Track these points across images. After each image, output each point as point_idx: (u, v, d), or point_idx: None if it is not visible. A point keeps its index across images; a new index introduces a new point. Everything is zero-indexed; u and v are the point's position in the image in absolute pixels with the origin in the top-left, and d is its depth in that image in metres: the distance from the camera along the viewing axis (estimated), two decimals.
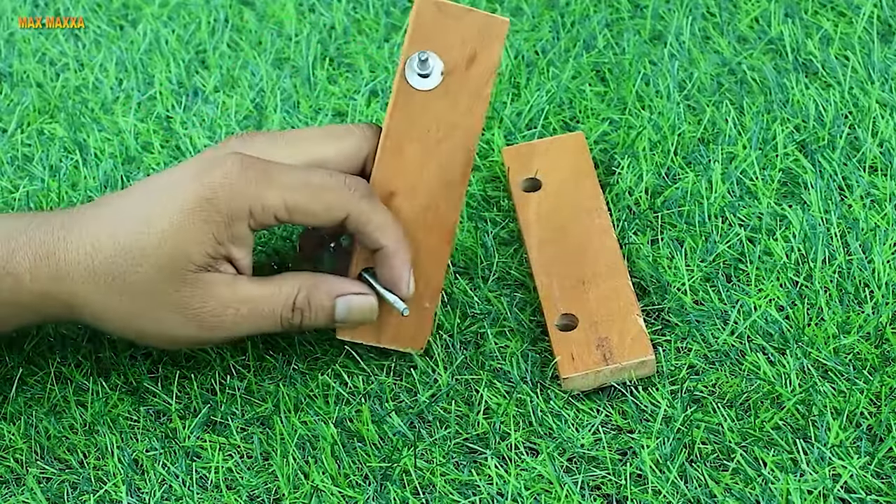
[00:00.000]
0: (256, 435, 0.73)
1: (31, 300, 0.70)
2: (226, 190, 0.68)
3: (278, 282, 0.70)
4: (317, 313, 0.71)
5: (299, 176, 0.69)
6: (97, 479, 0.73)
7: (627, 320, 0.74)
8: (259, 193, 0.68)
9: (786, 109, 0.85)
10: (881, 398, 0.70)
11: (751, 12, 0.92)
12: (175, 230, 0.68)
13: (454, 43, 0.70)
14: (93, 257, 0.69)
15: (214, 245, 0.68)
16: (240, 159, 0.68)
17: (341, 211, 0.69)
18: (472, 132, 0.72)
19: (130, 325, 0.70)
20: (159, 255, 0.68)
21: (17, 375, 0.78)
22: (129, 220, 0.69)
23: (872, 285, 0.75)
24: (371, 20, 0.97)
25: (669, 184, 0.82)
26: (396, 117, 0.71)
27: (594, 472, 0.70)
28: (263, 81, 0.93)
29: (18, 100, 0.95)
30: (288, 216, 0.69)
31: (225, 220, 0.68)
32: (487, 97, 0.71)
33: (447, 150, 0.72)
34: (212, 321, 0.69)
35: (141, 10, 1.01)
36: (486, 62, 0.71)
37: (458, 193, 0.72)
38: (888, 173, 0.80)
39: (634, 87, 0.88)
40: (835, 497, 0.67)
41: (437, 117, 0.71)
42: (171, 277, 0.68)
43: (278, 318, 0.70)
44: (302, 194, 0.68)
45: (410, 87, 0.71)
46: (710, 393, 0.72)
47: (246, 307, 0.69)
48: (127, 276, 0.68)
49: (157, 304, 0.69)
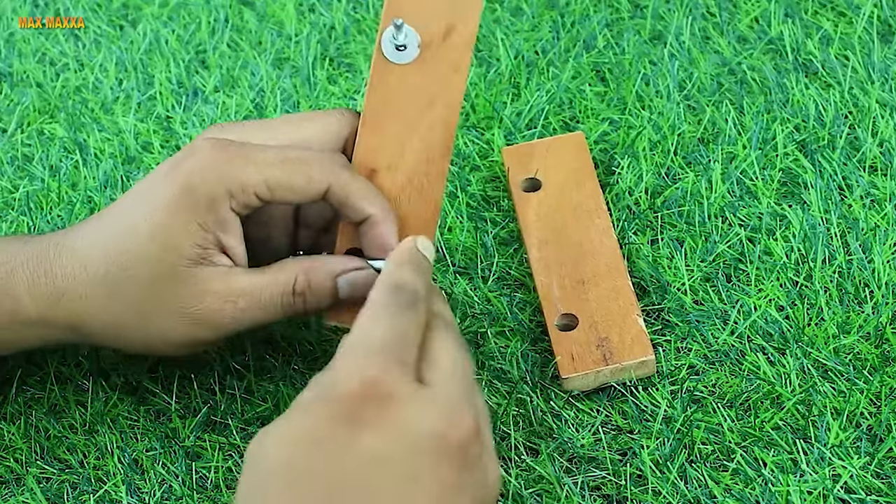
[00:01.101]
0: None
1: (32, 322, 0.69)
2: (200, 175, 0.66)
3: (275, 269, 0.69)
4: (319, 295, 0.69)
5: (276, 152, 0.67)
6: (97, 479, 0.73)
7: (627, 320, 0.74)
8: (235, 173, 0.66)
9: (786, 109, 0.85)
10: (881, 398, 0.70)
11: (751, 12, 0.92)
12: (160, 227, 0.66)
13: (430, 14, 0.69)
14: (86, 271, 0.68)
15: (202, 234, 0.67)
16: (210, 143, 0.67)
17: (322, 182, 0.67)
18: (451, 106, 0.70)
19: (134, 337, 0.69)
20: (149, 257, 0.67)
21: (17, 375, 0.78)
22: (115, 228, 0.68)
23: (872, 285, 0.75)
24: (371, 20, 0.97)
25: (669, 184, 0.82)
26: (375, 93, 0.70)
27: (594, 472, 0.70)
28: (263, 81, 0.93)
29: (18, 100, 0.95)
30: (269, 193, 0.67)
31: (205, 205, 0.66)
32: (466, 69, 0.70)
33: (427, 125, 0.70)
34: (211, 317, 0.68)
35: (141, 10, 1.01)
36: (463, 33, 0.70)
37: (441, 168, 0.71)
38: (888, 173, 0.80)
39: (634, 87, 0.88)
40: (835, 497, 0.67)
41: (415, 92, 0.70)
42: (165, 277, 0.67)
43: (279, 305, 0.69)
44: (280, 169, 0.67)
45: (387, 62, 0.70)
46: (710, 393, 0.72)
47: (244, 299, 0.68)
48: (121, 284, 0.67)
49: (156, 310, 0.68)
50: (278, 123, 0.71)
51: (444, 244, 0.81)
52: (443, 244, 0.81)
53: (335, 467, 0.55)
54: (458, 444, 0.57)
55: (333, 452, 0.55)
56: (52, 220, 0.86)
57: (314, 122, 0.71)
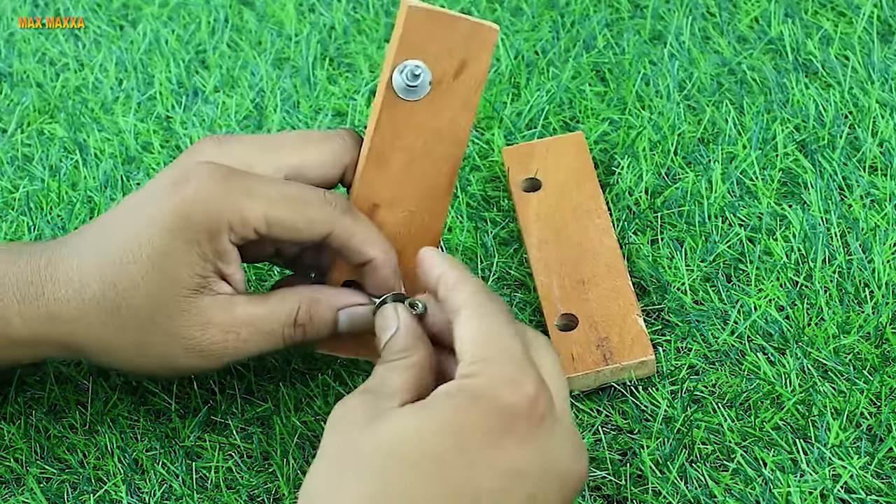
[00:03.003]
0: (256, 435, 0.73)
1: (24, 341, 0.68)
2: (202, 204, 0.65)
3: (277, 298, 0.68)
4: (319, 327, 0.68)
5: (279, 188, 0.66)
6: (97, 479, 0.73)
7: (627, 320, 0.74)
8: (237, 206, 0.65)
9: (786, 109, 0.85)
10: (881, 398, 0.70)
11: (751, 12, 0.92)
12: (159, 254, 0.65)
13: (443, 52, 0.68)
14: (82, 295, 0.66)
15: (201, 263, 0.65)
16: (214, 169, 0.65)
17: (325, 225, 0.66)
18: (458, 143, 0.70)
19: (131, 361, 0.68)
20: (148, 284, 0.65)
21: (17, 375, 0.78)
22: (113, 250, 0.66)
23: (872, 285, 0.75)
24: (371, 20, 0.97)
25: (669, 184, 0.82)
26: (381, 129, 0.69)
27: (594, 472, 0.70)
28: (263, 81, 0.93)
29: (18, 100, 0.95)
30: (267, 230, 0.66)
31: (206, 236, 0.65)
32: (475, 107, 0.69)
33: (432, 161, 0.70)
34: (213, 349, 0.67)
35: (141, 10, 1.01)
36: (474, 71, 0.69)
37: (443, 204, 0.71)
38: (888, 173, 0.80)
39: (634, 87, 0.88)
40: (835, 497, 0.67)
41: (423, 128, 0.69)
42: (164, 306, 0.65)
43: (280, 336, 0.68)
44: (283, 208, 0.66)
45: (397, 98, 0.68)
46: (710, 393, 0.72)
47: (246, 330, 0.67)
48: (120, 310, 0.66)
49: (155, 337, 0.66)
50: (279, 144, 0.69)
51: (444, 244, 0.81)
52: (443, 244, 0.81)
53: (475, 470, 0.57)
54: (580, 479, 0.60)
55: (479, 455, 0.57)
56: (52, 220, 0.86)
57: (316, 145, 0.69)
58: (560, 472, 0.59)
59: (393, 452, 0.57)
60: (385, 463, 0.57)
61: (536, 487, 0.58)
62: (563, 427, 0.60)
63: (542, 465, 0.58)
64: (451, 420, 0.57)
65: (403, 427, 0.57)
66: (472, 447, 0.57)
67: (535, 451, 0.58)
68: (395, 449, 0.57)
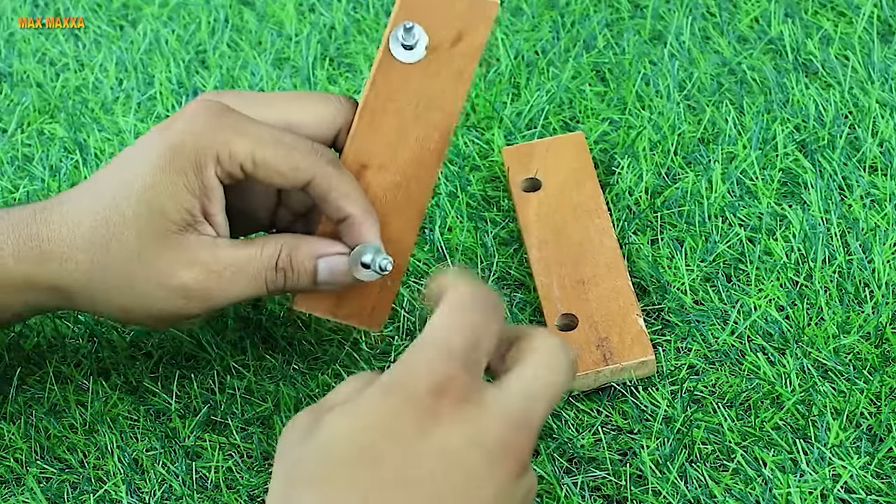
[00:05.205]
0: (256, 435, 0.73)
1: (17, 286, 0.69)
2: (191, 136, 0.66)
3: (260, 243, 0.69)
4: (299, 274, 0.69)
5: (269, 130, 0.67)
6: (97, 479, 0.73)
7: (627, 320, 0.74)
8: (227, 139, 0.66)
9: (786, 109, 0.85)
10: (881, 398, 0.70)
11: (751, 12, 0.92)
12: (148, 188, 0.66)
13: (441, 19, 0.69)
14: (74, 232, 0.68)
15: (188, 197, 0.66)
16: (206, 104, 0.67)
17: (306, 173, 0.67)
18: (451, 113, 0.70)
19: (115, 302, 0.69)
20: (138, 218, 0.66)
21: (17, 375, 0.78)
22: (106, 189, 0.67)
23: (872, 285, 0.75)
24: (371, 20, 0.97)
25: (669, 184, 0.82)
26: (376, 88, 0.70)
27: (594, 472, 0.70)
28: (263, 81, 0.93)
29: (18, 100, 0.95)
30: (253, 169, 0.67)
31: (193, 167, 0.66)
32: (469, 79, 0.70)
33: (423, 129, 0.70)
34: (197, 290, 0.67)
35: (141, 10, 1.01)
36: (471, 43, 0.70)
37: (431, 175, 0.71)
38: (888, 173, 0.80)
39: (634, 87, 0.88)
40: (835, 497, 0.67)
41: (416, 92, 0.70)
42: (152, 241, 0.67)
43: (263, 280, 0.68)
44: (270, 148, 0.67)
45: (393, 59, 0.69)
46: (710, 393, 0.72)
47: (230, 270, 0.68)
48: (109, 245, 0.67)
49: (141, 276, 0.67)
50: (276, 99, 0.70)
51: (444, 244, 0.81)
52: (443, 244, 0.81)
53: (409, 456, 0.56)
54: (521, 451, 0.58)
55: (410, 441, 0.56)
56: None
57: (312, 104, 0.70)
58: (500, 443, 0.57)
59: (331, 456, 0.56)
60: (325, 469, 0.56)
61: (475, 462, 0.56)
62: (501, 403, 0.58)
63: (477, 439, 0.57)
64: (378, 412, 0.57)
65: (336, 429, 0.57)
66: (404, 435, 0.56)
67: (466, 428, 0.57)
68: (332, 452, 0.56)
